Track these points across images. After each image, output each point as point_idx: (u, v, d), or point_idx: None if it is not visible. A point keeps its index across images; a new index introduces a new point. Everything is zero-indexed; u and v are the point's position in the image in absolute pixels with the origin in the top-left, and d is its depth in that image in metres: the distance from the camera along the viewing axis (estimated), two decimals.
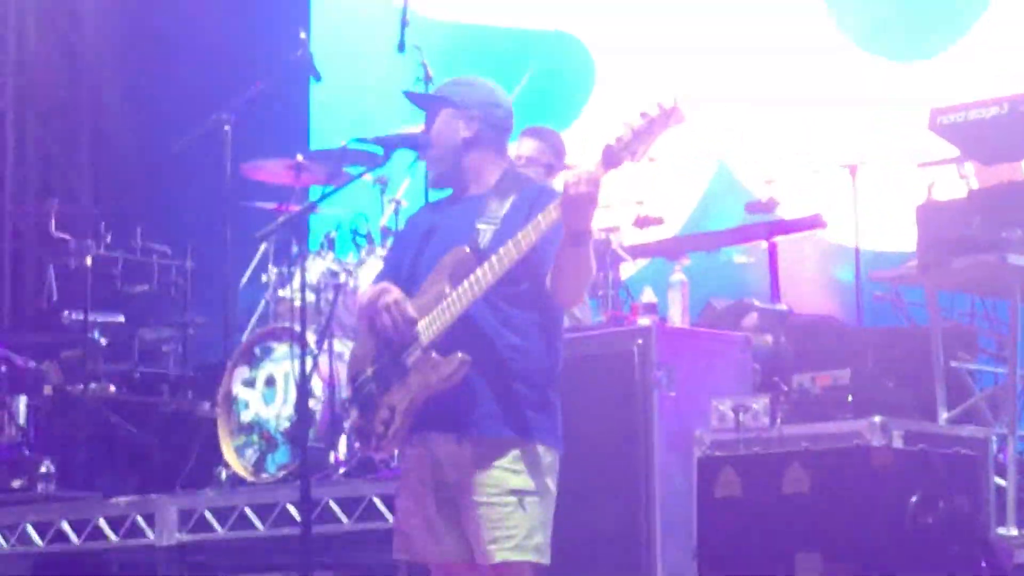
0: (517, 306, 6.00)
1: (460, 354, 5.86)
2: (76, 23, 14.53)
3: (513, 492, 5.92)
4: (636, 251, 9.11)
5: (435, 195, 6.45)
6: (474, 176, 6.19)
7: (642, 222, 9.20)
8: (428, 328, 5.98)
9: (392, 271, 6.28)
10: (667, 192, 9.70)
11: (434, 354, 5.92)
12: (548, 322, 6.08)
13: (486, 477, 5.94)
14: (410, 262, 6.17)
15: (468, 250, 5.93)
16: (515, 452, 5.93)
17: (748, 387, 7.46)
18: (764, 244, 9.17)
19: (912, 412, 7.30)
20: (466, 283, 5.88)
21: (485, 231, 5.96)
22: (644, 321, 7.70)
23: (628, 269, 9.12)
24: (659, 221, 9.28)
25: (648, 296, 8.13)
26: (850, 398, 7.12)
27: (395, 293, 6.02)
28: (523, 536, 5.91)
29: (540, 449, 5.96)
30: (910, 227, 7.87)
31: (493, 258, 5.81)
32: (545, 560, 5.94)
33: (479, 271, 5.85)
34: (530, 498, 5.93)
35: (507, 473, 5.93)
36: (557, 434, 5.99)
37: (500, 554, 5.89)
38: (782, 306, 8.31)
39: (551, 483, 5.99)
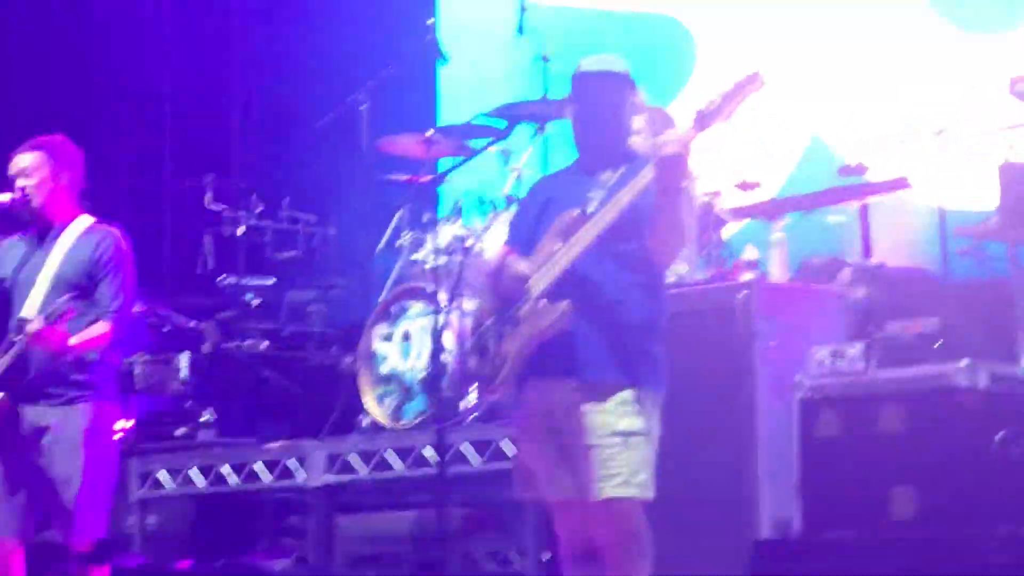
0: (625, 264, 6.00)
1: (565, 302, 5.88)
2: (227, 9, 14.62)
3: (618, 433, 5.93)
4: (737, 213, 9.03)
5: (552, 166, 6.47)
6: (610, 147, 6.18)
7: (743, 186, 9.10)
8: (538, 282, 6.01)
9: (514, 236, 6.37)
10: (765, 160, 9.61)
11: (542, 302, 5.90)
12: (652, 279, 6.09)
13: (593, 420, 5.96)
14: (529, 227, 6.21)
15: (577, 213, 5.96)
16: (620, 396, 5.94)
17: (843, 336, 7.39)
18: (856, 205, 9.09)
19: (995, 357, 7.18)
20: (572, 239, 5.92)
21: (594, 198, 5.97)
22: (747, 276, 7.69)
23: (730, 230, 9.02)
24: (757, 185, 9.18)
25: (750, 254, 8.11)
26: (938, 344, 7.03)
27: (511, 255, 6.14)
28: (628, 474, 5.91)
29: (643, 393, 5.96)
30: (992, 187, 7.79)
31: (596, 216, 5.87)
32: (649, 495, 5.95)
33: (583, 229, 5.89)
34: (634, 439, 5.94)
35: (612, 416, 5.95)
36: (660, 379, 6.00)
37: (607, 491, 5.91)
38: (873, 262, 8.18)
39: (654, 425, 6.00)
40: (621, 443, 5.98)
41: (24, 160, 7.46)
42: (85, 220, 7.49)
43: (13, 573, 7.31)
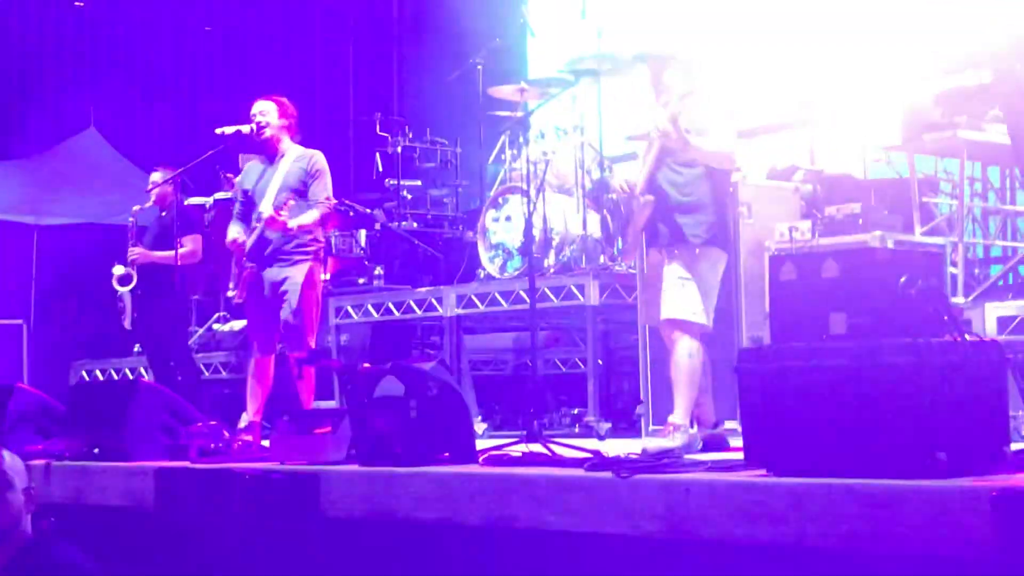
0: (686, 165, 6.15)
1: (650, 195, 6.17)
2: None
3: (679, 278, 6.07)
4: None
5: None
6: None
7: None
8: (637, 185, 6.26)
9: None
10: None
11: (642, 198, 6.07)
12: (712, 175, 6.23)
13: (666, 270, 6.14)
14: None
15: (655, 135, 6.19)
16: (682, 255, 6.11)
17: (797, 216, 7.34)
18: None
19: (899, 229, 7.14)
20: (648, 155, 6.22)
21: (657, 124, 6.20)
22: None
23: None
24: None
25: None
26: (861, 221, 6.98)
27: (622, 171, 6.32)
28: (682, 305, 5.94)
29: (697, 251, 6.09)
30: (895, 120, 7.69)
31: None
32: (701, 320, 6.13)
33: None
34: (688, 283, 6.09)
35: (675, 267, 6.10)
36: (712, 241, 6.20)
37: (665, 313, 6.08)
38: (819, 167, 8.10)
39: (707, 274, 6.18)
40: (680, 284, 6.10)
41: (261, 106, 7.54)
42: (297, 148, 7.57)
43: (268, 375, 7.49)
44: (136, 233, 9.37)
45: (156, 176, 9.40)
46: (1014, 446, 4.55)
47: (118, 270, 9.30)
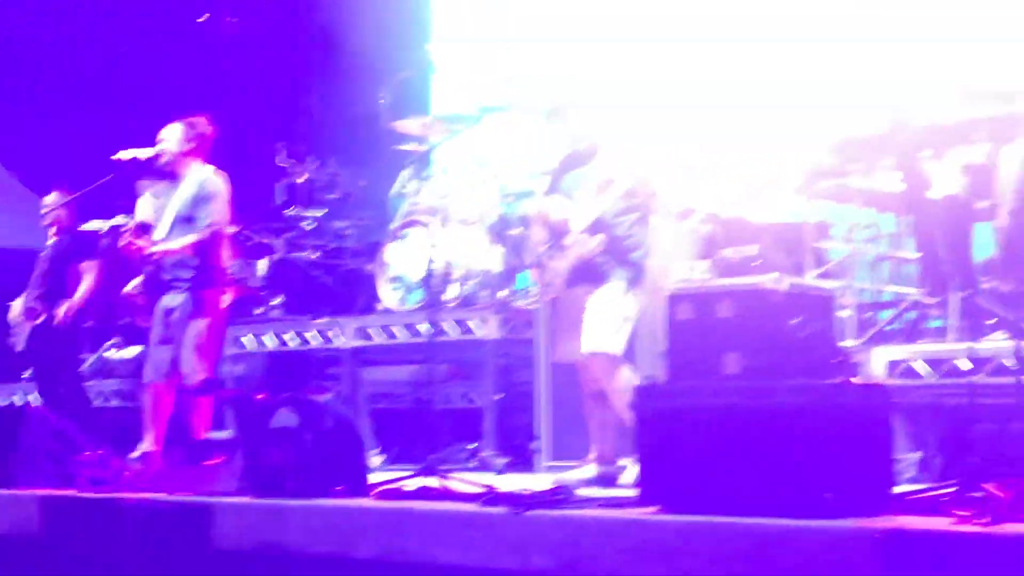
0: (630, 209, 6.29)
1: (601, 236, 6.24)
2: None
3: (619, 315, 6.30)
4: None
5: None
6: None
7: None
8: (580, 221, 6.28)
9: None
10: None
11: (583, 235, 6.11)
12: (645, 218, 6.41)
13: (601, 306, 6.29)
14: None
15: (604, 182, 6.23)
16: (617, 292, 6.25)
17: (695, 256, 7.41)
18: None
19: (793, 271, 7.25)
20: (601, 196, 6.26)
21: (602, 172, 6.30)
22: None
23: None
24: None
25: None
26: (756, 263, 7.08)
27: (562, 205, 6.40)
28: (620, 339, 6.26)
29: (632, 291, 6.34)
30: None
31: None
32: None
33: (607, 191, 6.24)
34: (628, 321, 6.35)
35: (611, 303, 6.29)
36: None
37: (604, 347, 6.22)
38: (716, 208, 8.19)
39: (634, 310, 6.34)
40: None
41: (164, 131, 7.49)
42: (199, 171, 7.50)
43: (164, 403, 7.40)
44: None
45: (50, 199, 9.26)
46: (899, 488, 4.64)
47: (18, 305, 9.17)
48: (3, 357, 9.74)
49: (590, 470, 6.31)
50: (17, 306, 9.23)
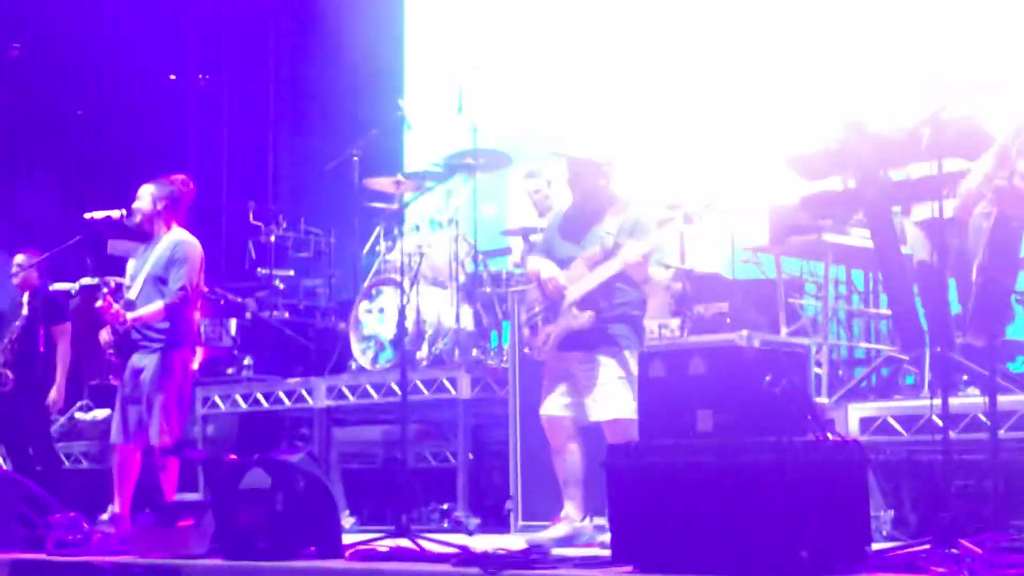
0: (626, 284, 6.18)
1: (591, 312, 6.14)
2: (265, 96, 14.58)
3: (618, 378, 6.21)
4: None
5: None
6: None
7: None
8: (572, 293, 6.19)
9: (545, 252, 6.51)
10: None
11: (574, 309, 5.97)
12: (640, 296, 6.30)
13: (602, 372, 6.23)
14: (552, 249, 6.44)
15: (599, 252, 6.19)
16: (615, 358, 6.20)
17: (667, 313, 7.43)
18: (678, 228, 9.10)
19: (765, 328, 7.28)
20: (598, 270, 6.17)
21: (607, 238, 6.21)
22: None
23: None
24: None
25: None
26: (728, 320, 7.11)
27: (554, 270, 6.30)
28: (625, 404, 6.11)
29: (627, 354, 6.20)
30: (763, 222, 7.89)
31: (616, 259, 6.13)
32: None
33: (606, 264, 6.16)
34: (624, 382, 6.20)
35: (611, 368, 6.23)
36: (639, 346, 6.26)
37: (615, 414, 6.15)
38: (688, 265, 8.23)
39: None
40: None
41: (140, 190, 7.47)
42: (174, 233, 7.46)
43: (132, 465, 7.33)
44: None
45: (19, 259, 9.20)
46: (875, 545, 4.64)
47: None
48: None
49: (562, 528, 6.28)
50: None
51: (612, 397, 6.16)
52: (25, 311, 9.03)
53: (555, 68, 11.56)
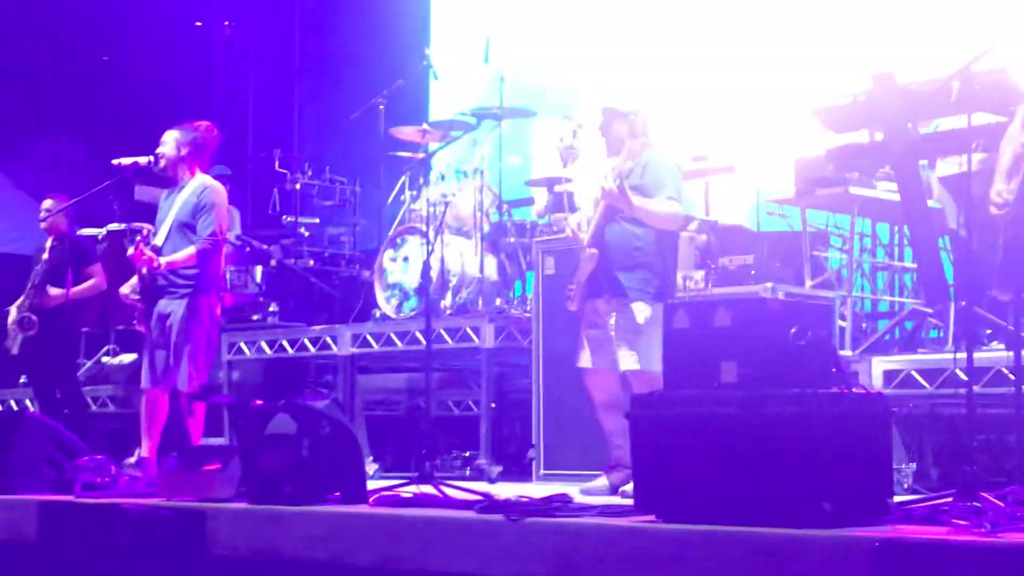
0: (635, 223, 6.26)
1: (594, 250, 6.26)
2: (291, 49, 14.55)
3: (631, 331, 6.25)
4: None
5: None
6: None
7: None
8: (585, 235, 6.32)
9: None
10: None
11: (586, 250, 6.05)
12: (655, 245, 6.32)
13: (616, 323, 6.26)
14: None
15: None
16: (627, 310, 6.24)
17: (692, 266, 7.43)
18: (702, 180, 9.10)
19: (790, 281, 7.27)
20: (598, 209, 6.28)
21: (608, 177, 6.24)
22: None
23: None
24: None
25: None
26: (753, 272, 7.10)
27: (573, 219, 6.53)
28: (640, 356, 6.20)
29: (640, 307, 6.24)
30: (789, 174, 7.86)
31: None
32: (657, 369, 6.07)
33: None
34: (640, 336, 6.25)
35: (624, 320, 6.26)
36: (657, 297, 6.26)
37: (629, 365, 6.21)
38: (713, 218, 8.22)
39: (649, 327, 6.21)
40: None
41: (165, 135, 7.48)
42: (199, 179, 7.48)
43: (160, 409, 7.39)
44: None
45: (47, 204, 9.25)
46: (897, 498, 4.65)
47: (14, 313, 9.16)
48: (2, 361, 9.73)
49: (612, 478, 6.33)
50: (13, 312, 9.22)
51: (634, 349, 6.18)
52: (46, 255, 9.07)
53: (580, 18, 11.51)
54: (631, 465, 6.21)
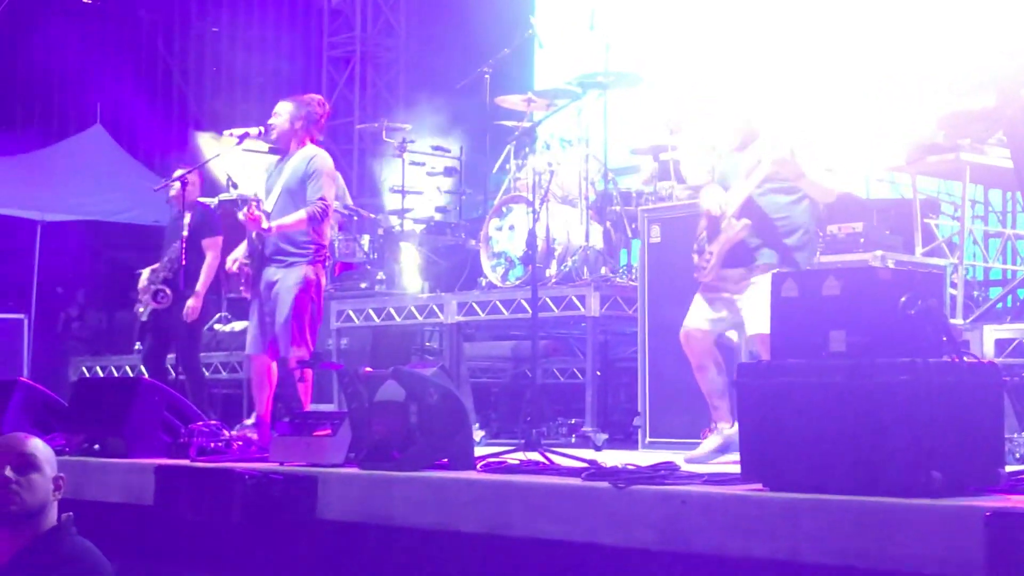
0: (786, 192, 6.17)
1: (746, 220, 6.10)
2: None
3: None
4: None
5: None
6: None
7: None
8: (731, 204, 6.18)
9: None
10: None
11: (732, 220, 6.00)
12: (794, 223, 6.24)
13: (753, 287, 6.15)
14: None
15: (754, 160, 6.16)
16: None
17: None
18: None
19: (900, 249, 7.18)
20: (752, 176, 6.15)
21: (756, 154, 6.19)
22: None
23: None
24: None
25: None
26: (862, 240, 7.02)
27: (717, 190, 6.30)
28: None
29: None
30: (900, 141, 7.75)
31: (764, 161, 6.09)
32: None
33: (757, 168, 6.13)
34: None
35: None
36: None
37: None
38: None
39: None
40: None
41: (278, 106, 7.57)
42: (308, 148, 7.56)
43: (269, 375, 7.50)
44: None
45: (178, 174, 9.38)
46: (1009, 468, 4.59)
47: (145, 280, 9.35)
48: (117, 328, 9.94)
49: (715, 440, 6.32)
50: (145, 277, 9.39)
51: (763, 313, 6.16)
52: (186, 232, 9.13)
53: None
54: (733, 428, 6.25)
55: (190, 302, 9.14)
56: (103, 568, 4.08)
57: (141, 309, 9.37)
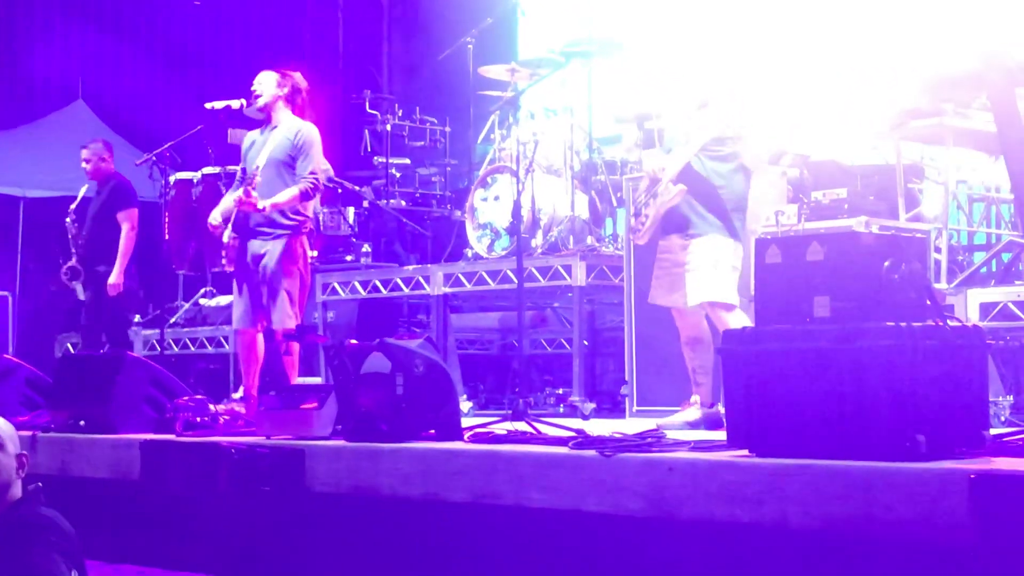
0: (723, 159, 6.21)
1: (682, 186, 6.13)
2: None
3: (714, 261, 6.25)
4: None
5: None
6: None
7: None
8: (668, 172, 6.20)
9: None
10: None
11: (669, 184, 6.00)
12: (744, 169, 6.35)
13: (696, 256, 6.25)
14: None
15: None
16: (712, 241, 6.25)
17: (784, 200, 7.37)
18: None
19: (884, 214, 7.19)
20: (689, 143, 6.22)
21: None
22: None
23: None
24: None
25: None
26: (846, 206, 7.03)
27: (658, 154, 6.43)
28: (721, 287, 6.25)
29: (725, 239, 6.27)
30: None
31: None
32: (736, 301, 6.26)
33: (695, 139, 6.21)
34: (721, 265, 6.28)
35: (706, 252, 6.26)
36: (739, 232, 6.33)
37: (706, 296, 6.22)
38: (805, 152, 8.11)
39: (734, 259, 6.31)
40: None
41: (260, 76, 7.56)
42: (292, 120, 7.53)
43: (255, 348, 7.51)
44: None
45: (96, 148, 9.56)
46: (993, 431, 4.62)
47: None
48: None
49: (692, 413, 6.34)
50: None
51: (703, 280, 6.17)
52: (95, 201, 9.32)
53: None
54: (712, 409, 6.29)
55: (112, 278, 9.23)
56: (64, 536, 4.09)
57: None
